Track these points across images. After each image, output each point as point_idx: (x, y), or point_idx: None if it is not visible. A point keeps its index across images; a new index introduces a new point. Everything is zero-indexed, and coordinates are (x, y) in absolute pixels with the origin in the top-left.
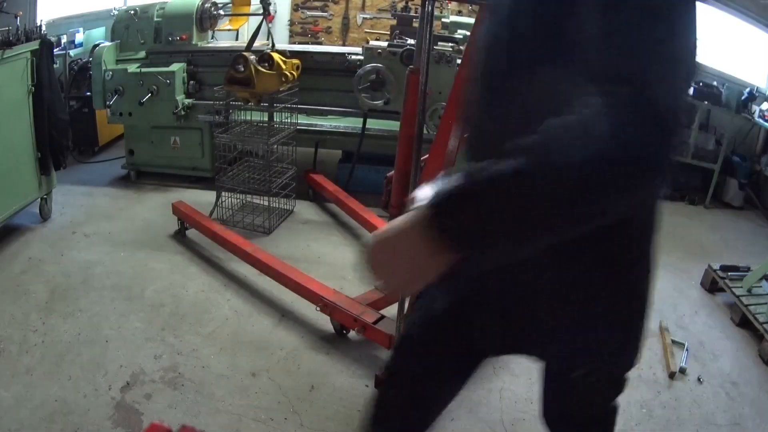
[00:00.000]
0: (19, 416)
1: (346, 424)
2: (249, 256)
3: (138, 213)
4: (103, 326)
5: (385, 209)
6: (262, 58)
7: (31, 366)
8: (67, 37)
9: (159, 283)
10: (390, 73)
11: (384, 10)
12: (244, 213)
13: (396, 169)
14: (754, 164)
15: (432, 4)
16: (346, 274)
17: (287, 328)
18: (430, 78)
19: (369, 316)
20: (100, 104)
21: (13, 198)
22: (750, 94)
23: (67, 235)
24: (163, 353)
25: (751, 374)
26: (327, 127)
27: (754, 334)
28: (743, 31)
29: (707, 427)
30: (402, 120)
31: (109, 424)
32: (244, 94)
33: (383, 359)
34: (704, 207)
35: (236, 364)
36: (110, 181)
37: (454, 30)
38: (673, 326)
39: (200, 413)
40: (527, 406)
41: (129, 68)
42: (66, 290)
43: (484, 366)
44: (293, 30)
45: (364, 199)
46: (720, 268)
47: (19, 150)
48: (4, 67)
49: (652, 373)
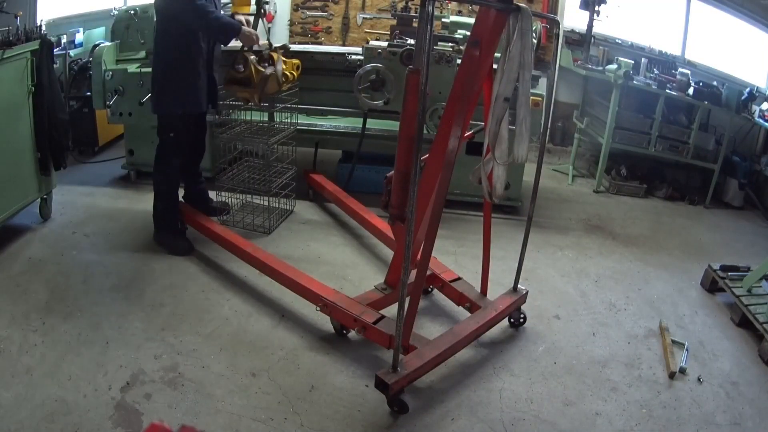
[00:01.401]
0: (19, 416)
1: (346, 424)
2: (249, 256)
3: (138, 213)
4: (103, 326)
5: (385, 209)
6: (262, 58)
7: (31, 366)
8: (67, 37)
9: (159, 283)
10: (390, 73)
11: (384, 10)
12: (244, 213)
13: (396, 169)
14: (754, 164)
15: (432, 4)
16: (346, 274)
17: (287, 328)
18: (430, 78)
19: (369, 316)
20: (100, 104)
21: (13, 198)
22: (750, 94)
23: (67, 235)
24: (163, 353)
25: (751, 374)
26: (327, 127)
27: (754, 334)
28: (743, 31)
29: (707, 427)
30: (402, 120)
31: (109, 424)
32: (244, 94)
33: (383, 359)
34: (704, 207)
35: (236, 364)
36: (110, 181)
37: (454, 30)
38: (673, 326)
39: (200, 413)
40: (527, 406)
41: (129, 68)
42: (66, 290)
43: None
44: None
45: (364, 199)
46: (720, 268)
47: (19, 150)
48: (4, 67)
49: (652, 373)
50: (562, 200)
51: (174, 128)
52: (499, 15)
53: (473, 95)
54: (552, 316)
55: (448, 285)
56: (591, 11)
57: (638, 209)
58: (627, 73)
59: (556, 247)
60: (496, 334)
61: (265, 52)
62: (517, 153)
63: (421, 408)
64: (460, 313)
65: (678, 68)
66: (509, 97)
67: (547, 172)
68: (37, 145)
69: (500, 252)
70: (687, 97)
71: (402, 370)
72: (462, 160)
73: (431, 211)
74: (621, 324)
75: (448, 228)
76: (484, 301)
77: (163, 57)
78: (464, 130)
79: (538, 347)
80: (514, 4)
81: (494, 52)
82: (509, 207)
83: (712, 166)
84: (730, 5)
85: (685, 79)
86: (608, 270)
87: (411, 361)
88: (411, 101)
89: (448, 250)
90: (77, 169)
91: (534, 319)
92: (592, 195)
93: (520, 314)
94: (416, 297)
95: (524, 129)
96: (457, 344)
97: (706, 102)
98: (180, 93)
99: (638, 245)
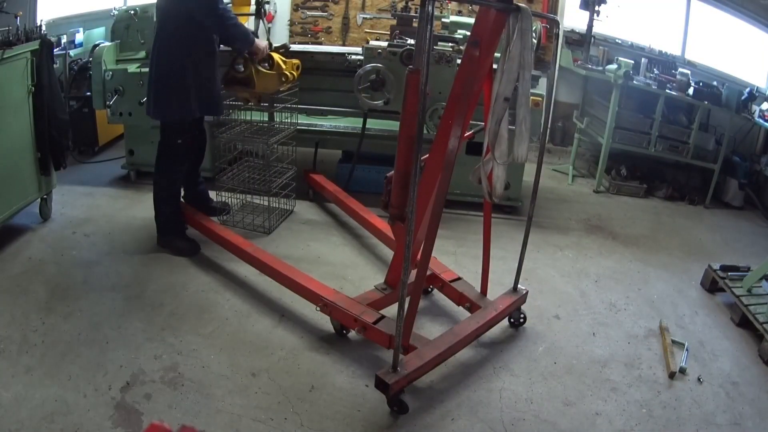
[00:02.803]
0: (19, 416)
1: (346, 424)
2: (249, 256)
3: (138, 213)
4: (103, 326)
5: (385, 209)
6: (262, 58)
7: (31, 366)
8: (67, 37)
9: (159, 283)
10: (390, 73)
11: (384, 10)
12: (244, 213)
13: (396, 169)
14: (754, 164)
15: (432, 4)
16: (346, 274)
17: (287, 328)
18: (430, 78)
19: (369, 316)
20: (100, 104)
21: (13, 198)
22: (750, 94)
23: (67, 235)
24: (163, 353)
25: (751, 374)
26: (327, 127)
27: (754, 334)
28: (743, 31)
29: (707, 427)
30: (402, 120)
31: (109, 424)
32: (244, 94)
33: (383, 359)
34: (704, 207)
35: (236, 364)
36: (110, 181)
37: (454, 30)
38: (673, 326)
39: (200, 413)
40: (527, 406)
41: (129, 68)
42: (66, 290)
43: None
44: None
45: (364, 199)
46: (720, 268)
47: (19, 150)
48: (4, 67)
49: (652, 373)
50: (562, 200)
51: (180, 134)
52: (499, 15)
53: (473, 95)
54: (552, 316)
55: (448, 285)
56: (591, 11)
57: (638, 209)
58: (627, 73)
59: (556, 247)
60: (496, 334)
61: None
62: (517, 153)
63: (421, 408)
64: (460, 313)
65: (678, 68)
66: (509, 97)
67: (547, 172)
68: (37, 145)
69: (500, 252)
70: (687, 97)
71: (402, 370)
72: (462, 160)
73: (431, 211)
74: (621, 324)
75: (448, 228)
76: (484, 301)
77: (165, 60)
78: (464, 130)
79: (538, 347)
80: (514, 4)
81: (494, 52)
82: (509, 207)
83: (712, 166)
84: (730, 5)
85: (685, 79)
86: (608, 270)
87: (411, 361)
88: (411, 101)
89: (448, 250)
90: (77, 169)
91: (534, 319)
92: (592, 195)
93: (520, 314)
94: (416, 297)
95: (524, 129)
96: (457, 344)
97: (706, 102)
98: (179, 98)
99: (638, 245)
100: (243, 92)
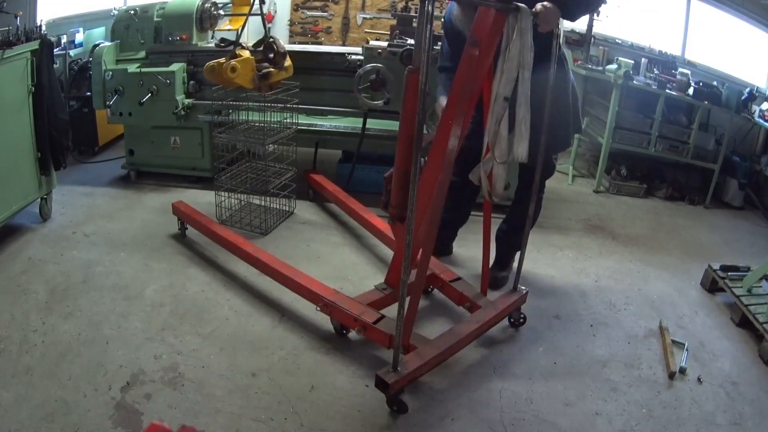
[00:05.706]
0: (19, 416)
1: (346, 424)
2: (249, 256)
3: (138, 213)
4: (103, 326)
5: (385, 209)
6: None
7: (31, 366)
8: (67, 37)
9: (159, 283)
10: (390, 73)
11: (384, 10)
12: (243, 213)
13: (396, 169)
14: (754, 164)
15: (432, 4)
16: (346, 274)
17: (287, 328)
18: (430, 78)
19: (369, 316)
20: (100, 104)
21: (13, 198)
22: (750, 94)
23: (67, 235)
24: (163, 353)
25: (751, 374)
26: (327, 127)
27: (754, 334)
28: (743, 31)
29: (707, 427)
30: (402, 120)
31: (109, 424)
32: (238, 80)
33: (383, 359)
34: (704, 207)
35: (236, 364)
36: (110, 181)
37: None
38: (673, 326)
39: (200, 413)
40: (527, 406)
41: (129, 68)
42: (66, 290)
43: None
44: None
45: (364, 199)
46: (720, 268)
47: (19, 150)
48: (4, 67)
49: (652, 373)
50: (562, 200)
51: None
52: (498, 15)
53: (473, 95)
54: (552, 316)
55: (448, 285)
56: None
57: (638, 209)
58: (627, 73)
59: (556, 247)
60: (496, 334)
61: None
62: (517, 152)
63: (421, 408)
64: (460, 313)
65: (678, 68)
66: (509, 97)
67: None
68: (37, 145)
69: None
70: (687, 97)
71: (402, 370)
72: None
73: (431, 211)
74: (621, 324)
75: None
76: (484, 301)
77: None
78: (464, 130)
79: (538, 347)
80: (514, 4)
81: (494, 51)
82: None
83: (712, 166)
84: (730, 5)
85: (685, 79)
86: (608, 270)
87: (411, 360)
88: (411, 101)
89: None
90: (77, 169)
91: (534, 319)
92: (592, 195)
93: (520, 314)
94: (416, 297)
95: (524, 128)
96: (457, 344)
97: (706, 102)
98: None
99: (638, 245)
100: (236, 79)
